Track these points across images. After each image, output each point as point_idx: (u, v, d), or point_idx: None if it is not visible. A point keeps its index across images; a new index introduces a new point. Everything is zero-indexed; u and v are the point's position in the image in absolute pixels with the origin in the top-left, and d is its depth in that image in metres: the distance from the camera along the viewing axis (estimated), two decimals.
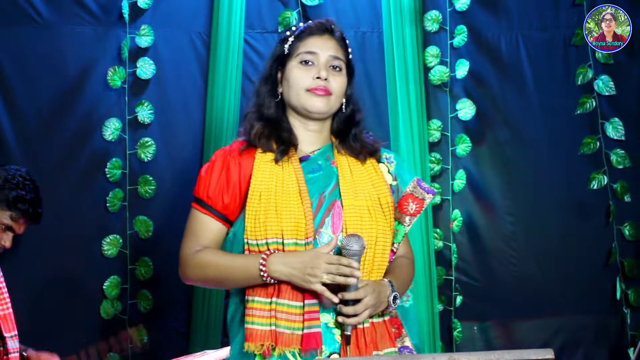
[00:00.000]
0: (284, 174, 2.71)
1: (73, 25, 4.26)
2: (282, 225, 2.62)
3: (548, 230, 4.72)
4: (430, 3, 4.58)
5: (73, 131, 4.27)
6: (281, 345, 2.61)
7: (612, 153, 4.68)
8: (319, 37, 2.79)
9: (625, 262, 4.70)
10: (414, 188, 2.84)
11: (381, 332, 2.69)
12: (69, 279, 4.27)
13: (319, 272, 2.53)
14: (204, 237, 2.76)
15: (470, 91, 4.63)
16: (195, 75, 4.40)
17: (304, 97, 2.74)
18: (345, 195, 2.70)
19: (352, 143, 2.82)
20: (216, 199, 2.73)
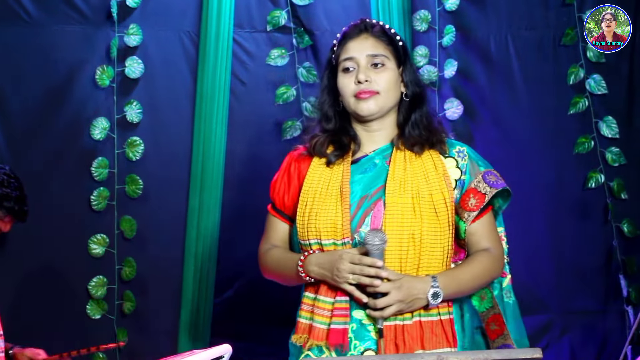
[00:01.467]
0: (331, 176, 2.77)
1: (61, 24, 4.26)
2: (319, 226, 2.71)
3: (539, 230, 4.73)
4: (419, 3, 4.57)
5: (61, 130, 4.28)
6: (312, 339, 2.69)
7: (607, 151, 4.69)
8: (355, 40, 2.81)
9: (626, 259, 4.72)
10: (478, 182, 2.81)
11: (433, 332, 2.70)
12: (55, 279, 4.28)
13: (344, 272, 2.59)
14: (273, 236, 2.93)
15: (459, 91, 4.63)
16: (184, 74, 4.39)
17: (353, 104, 2.77)
18: (390, 193, 2.71)
19: (410, 132, 2.82)
20: (280, 201, 2.90)
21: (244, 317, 4.33)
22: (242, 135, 4.46)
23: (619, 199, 4.72)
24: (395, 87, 2.80)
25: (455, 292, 2.72)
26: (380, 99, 2.76)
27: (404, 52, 2.86)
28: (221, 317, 4.37)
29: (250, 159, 4.45)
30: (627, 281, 4.72)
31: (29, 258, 4.23)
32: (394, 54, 2.81)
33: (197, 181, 4.33)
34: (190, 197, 4.34)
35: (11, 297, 4.02)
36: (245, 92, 4.46)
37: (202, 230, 4.34)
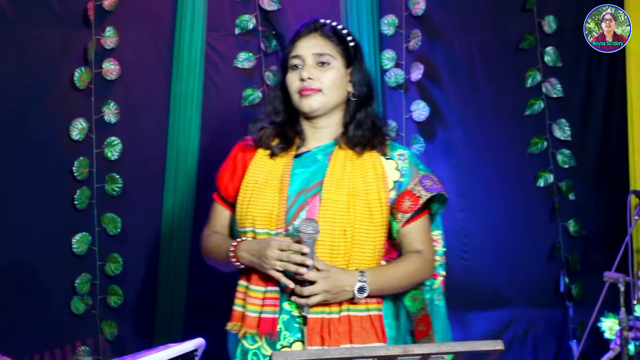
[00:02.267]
0: (273, 167, 2.81)
1: (39, 26, 4.27)
2: (255, 214, 2.73)
3: (497, 226, 4.80)
4: (387, 7, 4.63)
5: (41, 131, 4.30)
6: (245, 327, 2.74)
7: (559, 153, 4.77)
8: (305, 39, 2.83)
9: (569, 257, 4.80)
10: (415, 185, 2.84)
11: (360, 326, 2.74)
12: (39, 277, 4.28)
13: (271, 259, 2.61)
14: (215, 223, 2.95)
15: (425, 93, 4.68)
16: (159, 75, 4.43)
17: (297, 100, 2.80)
18: (326, 190, 2.75)
19: (354, 132, 2.84)
20: (225, 189, 2.91)
21: (217, 312, 4.27)
22: (214, 134, 4.47)
23: (567, 199, 4.79)
24: (340, 86, 2.83)
25: (381, 288, 2.76)
26: (323, 96, 2.78)
27: (354, 53, 2.87)
28: (195, 312, 4.42)
29: (222, 157, 4.32)
30: (570, 278, 4.81)
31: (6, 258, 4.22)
32: (343, 53, 2.83)
33: (172, 179, 4.38)
34: (165, 194, 4.39)
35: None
36: (217, 93, 4.52)
37: (175, 227, 4.38)
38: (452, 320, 4.68)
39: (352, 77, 2.86)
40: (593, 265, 4.70)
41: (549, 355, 4.86)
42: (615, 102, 4.93)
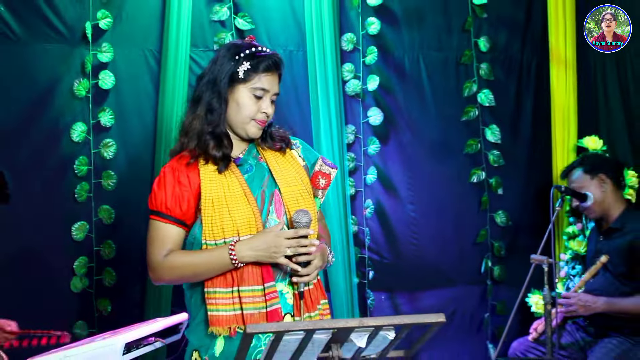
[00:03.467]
0: (228, 180, 2.78)
1: (43, 43, 4.24)
2: (236, 225, 2.71)
3: (441, 216, 4.86)
4: (346, 27, 4.65)
5: (45, 134, 4.28)
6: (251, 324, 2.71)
7: (490, 153, 4.86)
8: (271, 75, 2.81)
9: (495, 243, 4.89)
10: (321, 166, 2.96)
11: (318, 290, 2.87)
12: (43, 260, 4.30)
13: (283, 248, 2.66)
14: (168, 242, 2.76)
15: (380, 101, 4.73)
16: (148, 86, 4.41)
17: (248, 124, 2.81)
18: (281, 183, 2.82)
19: (269, 139, 2.91)
20: (174, 208, 2.75)
21: None
22: None
23: (496, 193, 4.87)
24: None
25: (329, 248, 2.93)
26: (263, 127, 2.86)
27: None
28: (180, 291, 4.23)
29: None
30: (493, 261, 4.89)
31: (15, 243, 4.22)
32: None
33: None
34: None
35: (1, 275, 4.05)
36: None
37: None
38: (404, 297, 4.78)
39: None
40: (521, 250, 4.77)
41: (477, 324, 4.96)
42: (541, 110, 5.00)
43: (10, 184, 3.75)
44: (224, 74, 2.80)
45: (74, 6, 4.31)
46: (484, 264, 4.91)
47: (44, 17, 4.28)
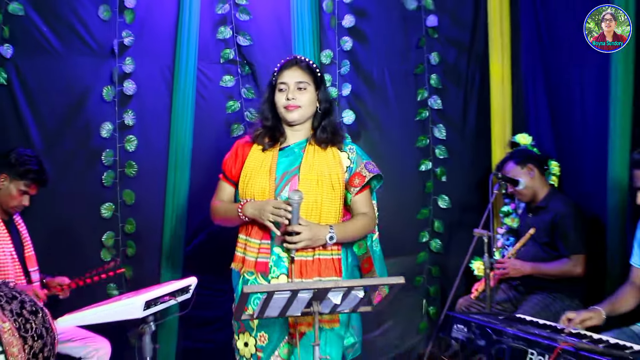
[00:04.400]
0: (265, 157, 2.95)
1: (78, 56, 4.27)
2: (253, 191, 2.90)
3: (400, 196, 4.82)
4: (325, 44, 4.65)
5: (79, 130, 4.30)
6: (245, 267, 2.88)
7: (437, 148, 4.86)
8: (288, 70, 2.99)
9: (435, 221, 4.89)
10: (361, 169, 3.03)
11: (325, 266, 2.89)
12: (77, 234, 4.34)
13: (267, 212, 2.78)
14: (221, 195, 3.10)
15: (352, 105, 4.73)
16: (163, 92, 4.41)
17: (283, 113, 2.96)
18: (303, 172, 2.91)
19: (320, 134, 3.00)
20: (229, 171, 3.06)
21: (206, 258, 4.36)
22: (204, 134, 4.47)
23: (440, 180, 4.88)
24: (313, 104, 2.98)
25: (344, 237, 2.91)
26: (301, 111, 2.95)
27: (320, 80, 3.02)
28: (190, 258, 4.43)
29: (209, 150, 4.46)
30: (431, 235, 4.90)
31: (55, 220, 4.26)
32: (314, 81, 2.98)
33: (173, 166, 4.37)
34: (169, 176, 4.38)
35: (43, 244, 4.04)
36: (205, 105, 4.51)
37: (176, 199, 4.37)
38: None
39: (319, 97, 3.00)
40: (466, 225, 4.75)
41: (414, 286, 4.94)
42: (482, 113, 5.02)
43: (49, 172, 3.78)
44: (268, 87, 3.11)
45: (104, 26, 4.32)
46: (423, 237, 4.92)
47: (79, 35, 4.30)
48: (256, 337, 2.89)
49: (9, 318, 1.57)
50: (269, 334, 2.88)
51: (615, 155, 3.95)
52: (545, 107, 4.79)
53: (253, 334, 2.89)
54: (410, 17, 4.84)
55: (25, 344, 1.55)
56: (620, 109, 3.91)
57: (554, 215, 4.04)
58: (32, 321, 1.56)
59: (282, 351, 2.88)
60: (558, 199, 4.15)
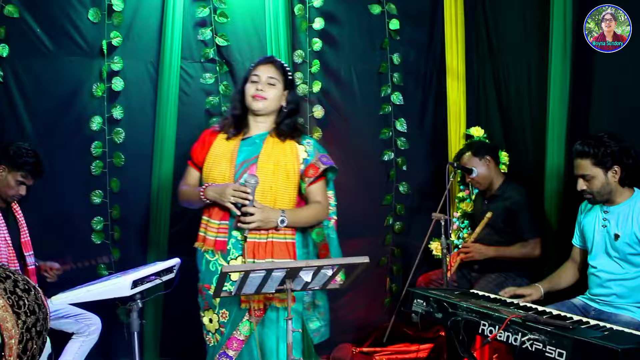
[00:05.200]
0: (228, 146, 2.94)
1: (70, 56, 4.22)
2: (214, 176, 2.90)
3: (366, 184, 4.86)
4: (297, 45, 4.64)
5: (71, 124, 4.25)
6: (206, 246, 2.88)
7: (398, 139, 4.88)
8: (262, 66, 3.02)
9: (397, 205, 4.93)
10: (317, 161, 3.02)
11: (279, 248, 2.88)
12: (70, 219, 4.29)
13: (228, 195, 2.79)
14: (189, 179, 3.10)
15: (321, 101, 4.73)
16: (149, 89, 4.38)
17: (250, 101, 2.96)
18: (261, 160, 2.90)
19: (280, 129, 3.00)
20: (196, 157, 3.06)
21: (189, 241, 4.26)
22: (186, 126, 4.41)
23: (401, 169, 4.90)
24: (278, 100, 2.99)
25: (295, 222, 2.90)
26: (266, 102, 2.95)
27: (290, 82, 3.03)
28: (174, 241, 4.40)
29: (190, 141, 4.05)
30: (394, 218, 4.93)
31: (49, 207, 4.20)
32: (284, 80, 2.99)
33: (158, 156, 4.34)
34: (154, 166, 4.36)
35: (38, 229, 3.99)
36: (187, 100, 4.47)
37: (161, 186, 4.35)
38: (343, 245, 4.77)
39: (286, 97, 3.01)
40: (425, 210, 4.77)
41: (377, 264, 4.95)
42: (439, 108, 5.04)
43: (44, 162, 3.73)
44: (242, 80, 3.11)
45: (93, 28, 4.27)
46: (387, 220, 4.94)
47: (70, 36, 4.25)
48: (218, 314, 2.89)
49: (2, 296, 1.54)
50: (229, 310, 2.89)
51: (553, 147, 4.00)
52: (494, 102, 4.83)
53: (216, 311, 2.89)
54: (375, 21, 4.85)
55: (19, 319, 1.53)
56: (558, 105, 3.96)
57: (510, 203, 4.07)
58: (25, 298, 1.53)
59: (242, 328, 2.87)
60: (513, 187, 4.17)
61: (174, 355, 4.52)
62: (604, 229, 3.16)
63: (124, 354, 4.37)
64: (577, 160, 3.13)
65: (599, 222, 3.19)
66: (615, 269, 3.10)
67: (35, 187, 3.81)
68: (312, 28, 4.67)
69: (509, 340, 2.70)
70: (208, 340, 2.96)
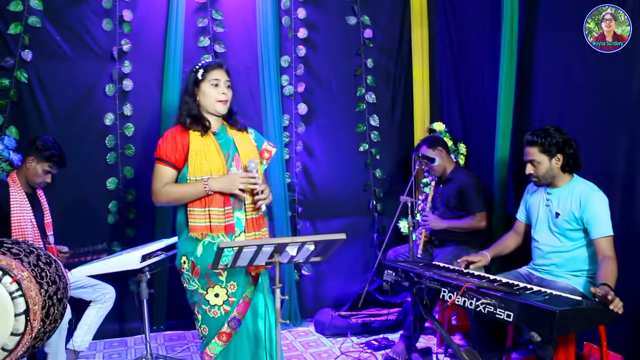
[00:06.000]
0: (207, 141, 2.80)
1: (85, 60, 4.18)
2: (211, 167, 2.74)
3: (343, 171, 4.84)
4: (284, 51, 4.61)
5: (87, 120, 4.23)
6: (215, 232, 2.74)
7: (372, 133, 4.88)
8: (217, 70, 2.83)
9: (376, 189, 4.93)
10: (266, 145, 2.99)
11: (262, 220, 2.88)
12: (88, 202, 4.26)
13: (237, 183, 2.71)
14: (165, 178, 2.77)
15: (305, 99, 4.71)
16: (155, 89, 4.34)
17: (216, 105, 2.82)
18: (240, 150, 2.84)
19: (234, 123, 2.92)
20: (170, 156, 2.76)
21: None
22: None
23: (375, 158, 4.89)
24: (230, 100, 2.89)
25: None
26: (228, 104, 2.86)
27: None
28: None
29: None
30: (376, 201, 4.92)
31: (70, 192, 4.18)
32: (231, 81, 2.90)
33: None
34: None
35: (61, 212, 3.99)
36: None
37: None
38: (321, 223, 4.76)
39: None
40: (394, 193, 4.84)
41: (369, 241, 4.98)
42: (406, 106, 5.03)
43: (66, 154, 3.69)
44: (191, 82, 2.86)
45: (106, 36, 4.24)
46: (372, 202, 4.93)
47: (86, 43, 4.21)
48: (227, 287, 2.82)
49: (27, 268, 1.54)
50: (236, 281, 2.84)
51: (501, 140, 4.04)
52: (455, 101, 4.84)
53: (223, 285, 2.81)
54: (352, 30, 4.84)
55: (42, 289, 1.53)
56: (504, 105, 3.98)
57: (460, 184, 4.09)
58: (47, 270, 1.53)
59: (248, 291, 2.87)
60: (462, 172, 4.20)
61: (178, 319, 4.52)
62: (547, 207, 3.19)
63: (135, 319, 4.39)
64: (527, 148, 3.16)
65: (543, 202, 3.22)
66: (556, 242, 3.14)
67: (57, 176, 3.76)
68: (297, 37, 4.66)
69: (465, 305, 2.72)
70: (213, 313, 2.81)
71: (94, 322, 3.68)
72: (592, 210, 2.97)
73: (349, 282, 4.92)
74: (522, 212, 3.43)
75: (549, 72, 3.76)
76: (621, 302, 2.56)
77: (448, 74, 4.89)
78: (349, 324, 4.41)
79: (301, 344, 4.25)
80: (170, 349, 4.19)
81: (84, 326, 3.65)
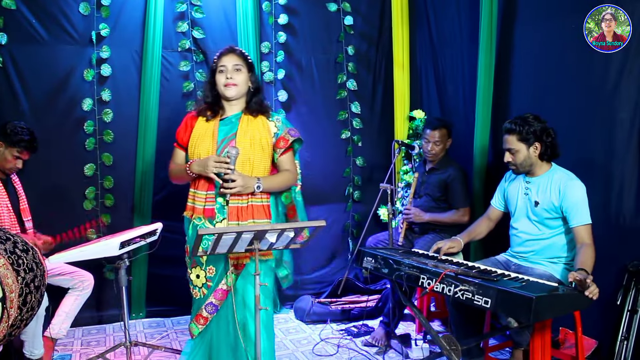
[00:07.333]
0: (208, 126, 2.87)
1: (63, 44, 4.13)
2: (200, 152, 2.83)
3: (324, 159, 4.86)
4: (264, 37, 4.60)
5: (65, 105, 4.18)
6: (195, 214, 2.82)
7: (354, 120, 4.89)
8: (226, 56, 2.90)
9: (355, 177, 4.95)
10: (286, 134, 2.94)
11: (257, 210, 2.84)
12: (64, 188, 4.22)
13: (210, 166, 2.74)
14: (176, 158, 2.97)
15: (285, 85, 4.70)
16: (133, 74, 4.31)
17: (223, 89, 2.88)
18: (239, 136, 2.84)
19: (251, 106, 2.93)
20: (181, 139, 2.94)
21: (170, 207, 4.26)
22: (166, 107, 4.37)
23: (357, 145, 4.91)
24: (246, 83, 2.91)
25: (269, 187, 2.86)
26: (237, 88, 2.87)
27: (251, 65, 2.95)
28: (157, 207, 4.38)
29: (169, 120, 4.33)
30: (353, 188, 4.94)
31: (48, 178, 4.14)
32: (246, 65, 2.91)
33: (142, 133, 4.29)
34: (139, 141, 4.30)
35: (38, 198, 3.95)
36: (167, 85, 4.41)
37: (144, 160, 4.31)
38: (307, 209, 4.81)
39: (250, 78, 2.93)
40: (375, 180, 4.87)
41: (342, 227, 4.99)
42: (387, 93, 5.04)
43: (40, 139, 3.64)
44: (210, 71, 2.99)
45: (84, 20, 4.18)
46: (347, 190, 4.95)
47: (62, 27, 4.15)
48: (205, 270, 2.86)
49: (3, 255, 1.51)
50: (215, 267, 2.86)
51: (479, 129, 4.06)
52: (434, 89, 4.84)
53: (203, 268, 2.86)
54: (332, 17, 4.83)
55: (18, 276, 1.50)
56: (483, 94, 4.00)
57: (447, 177, 4.09)
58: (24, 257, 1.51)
59: (227, 280, 2.86)
60: (450, 164, 4.20)
61: (157, 306, 4.50)
62: (526, 196, 3.21)
63: (113, 307, 4.36)
64: (505, 136, 3.17)
65: (522, 190, 3.24)
66: (534, 230, 3.17)
67: (34, 162, 3.73)
68: (278, 22, 4.64)
69: (444, 291, 2.74)
70: (194, 294, 2.90)
71: (72, 310, 3.65)
72: (571, 198, 3.00)
73: (328, 268, 4.95)
74: (498, 199, 3.45)
75: (528, 62, 3.78)
76: (597, 288, 2.60)
77: (428, 61, 4.90)
78: (328, 310, 4.43)
79: (281, 331, 4.26)
80: (149, 336, 4.18)
81: (61, 314, 3.62)
